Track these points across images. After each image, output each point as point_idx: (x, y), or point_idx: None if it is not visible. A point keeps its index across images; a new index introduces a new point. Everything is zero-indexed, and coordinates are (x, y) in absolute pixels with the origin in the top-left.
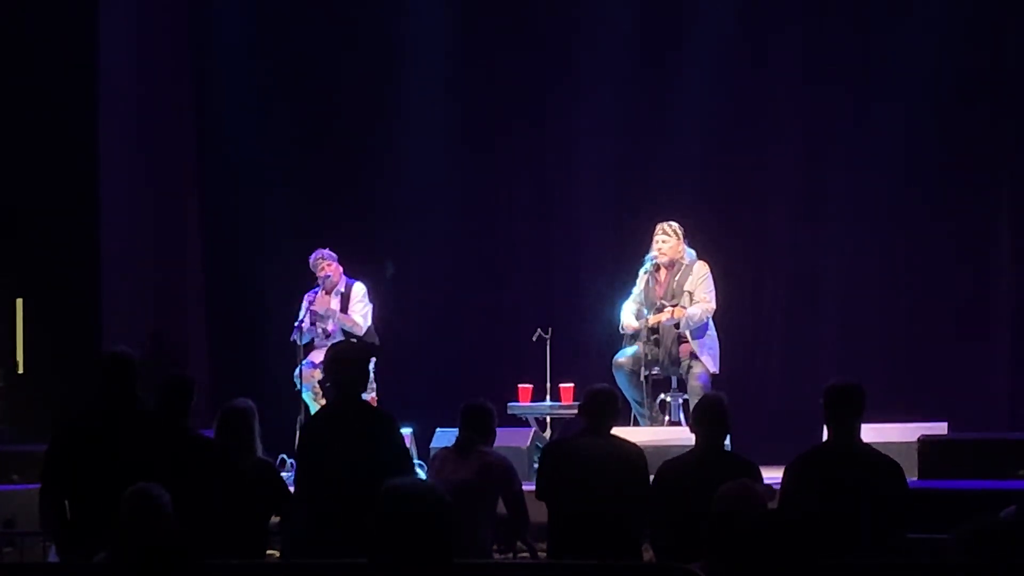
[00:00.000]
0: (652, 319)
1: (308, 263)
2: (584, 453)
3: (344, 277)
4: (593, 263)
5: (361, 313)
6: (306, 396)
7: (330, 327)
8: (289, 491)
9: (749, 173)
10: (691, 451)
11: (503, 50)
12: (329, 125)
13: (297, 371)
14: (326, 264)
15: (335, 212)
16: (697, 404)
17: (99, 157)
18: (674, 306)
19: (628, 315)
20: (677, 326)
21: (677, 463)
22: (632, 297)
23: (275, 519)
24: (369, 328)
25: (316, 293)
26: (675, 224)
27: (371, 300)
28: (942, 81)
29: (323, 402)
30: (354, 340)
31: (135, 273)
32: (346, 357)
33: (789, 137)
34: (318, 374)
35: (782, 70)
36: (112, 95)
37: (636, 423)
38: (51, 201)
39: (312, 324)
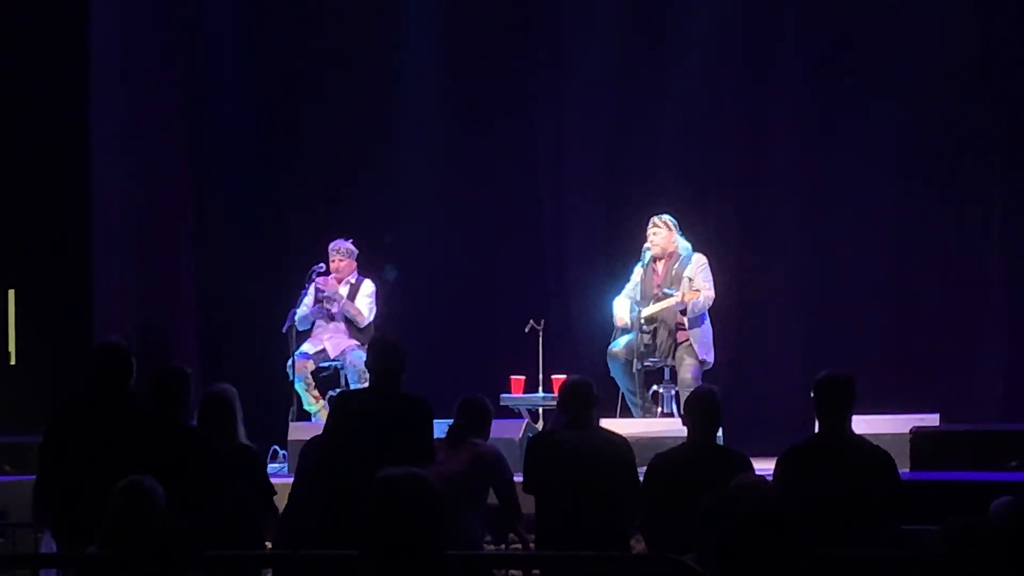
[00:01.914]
0: (649, 311)
1: (297, 254)
2: (570, 446)
3: (356, 273)
4: (585, 254)
5: (366, 305)
6: (298, 387)
7: (335, 309)
8: (271, 484)
9: (741, 166)
10: (682, 444)
11: (492, 44)
12: (321, 120)
13: (290, 362)
14: (338, 257)
15: (326, 207)
16: (688, 397)
17: (90, 148)
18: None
19: (620, 309)
20: (684, 312)
21: (669, 456)
22: (624, 292)
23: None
24: (370, 325)
25: (325, 278)
26: (667, 216)
27: (377, 301)
28: (934, 76)
29: (316, 394)
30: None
31: (127, 264)
32: (385, 345)
33: (781, 131)
34: (311, 365)
35: (776, 63)
36: (104, 87)
37: (625, 412)
38: (42, 192)
39: (316, 303)
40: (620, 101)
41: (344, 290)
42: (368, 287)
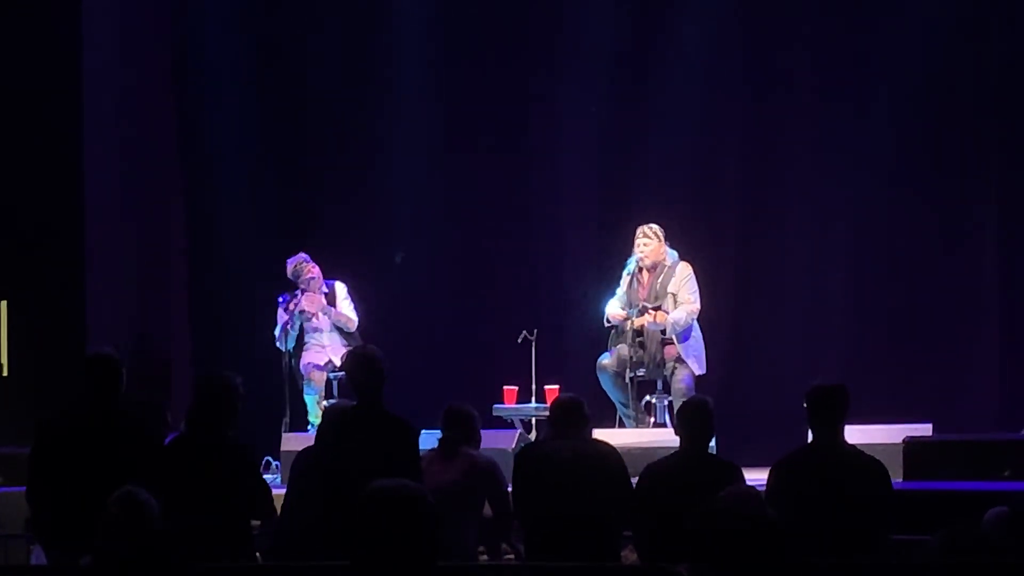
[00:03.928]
0: (637, 321)
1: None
2: (557, 455)
3: (323, 279)
4: (577, 264)
5: (350, 308)
6: (310, 399)
7: (322, 323)
8: (268, 489)
9: (735, 175)
10: (675, 454)
11: (487, 52)
12: (314, 125)
13: (306, 371)
14: (311, 267)
15: (320, 213)
16: (681, 407)
17: (82, 157)
18: (656, 309)
19: (614, 307)
20: (664, 331)
21: (661, 466)
22: (616, 296)
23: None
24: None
25: (296, 296)
26: (655, 226)
27: (353, 300)
28: (928, 83)
29: (324, 405)
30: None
31: (119, 274)
32: (364, 357)
33: (773, 138)
34: (325, 376)
35: (768, 72)
36: (96, 95)
37: (621, 425)
38: (34, 202)
39: (299, 317)
40: (613, 110)
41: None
42: (342, 290)
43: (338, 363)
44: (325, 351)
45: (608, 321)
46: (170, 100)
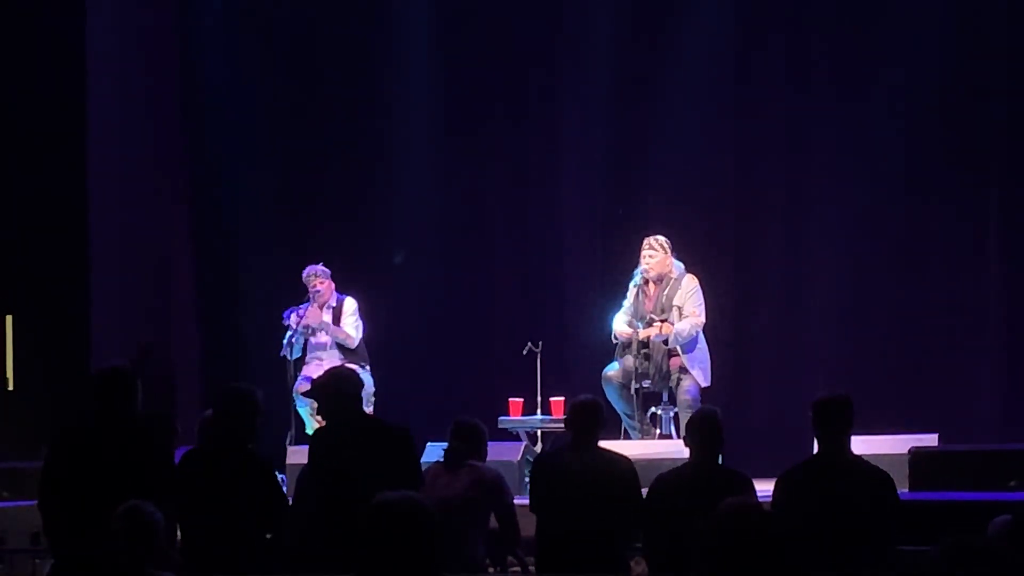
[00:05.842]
0: (642, 333)
1: (299, 276)
2: (573, 468)
3: (335, 293)
4: (582, 276)
5: (353, 325)
6: (303, 411)
7: (322, 338)
8: (286, 503)
9: (737, 184)
10: (684, 465)
11: (487, 64)
12: (318, 137)
13: (296, 385)
14: (318, 280)
15: (325, 225)
16: (691, 419)
17: (87, 171)
18: (663, 321)
19: (620, 324)
20: (666, 342)
21: (671, 477)
22: (623, 309)
23: None
24: (360, 343)
25: (306, 307)
26: (662, 238)
27: (362, 316)
28: (929, 91)
29: (320, 418)
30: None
31: (125, 288)
32: (336, 376)
33: (776, 147)
34: None
35: (769, 80)
36: (100, 108)
37: (627, 436)
38: (39, 216)
39: (303, 332)
40: (616, 121)
41: (327, 316)
42: (350, 305)
43: None
44: (323, 365)
45: (615, 338)
46: (175, 111)
